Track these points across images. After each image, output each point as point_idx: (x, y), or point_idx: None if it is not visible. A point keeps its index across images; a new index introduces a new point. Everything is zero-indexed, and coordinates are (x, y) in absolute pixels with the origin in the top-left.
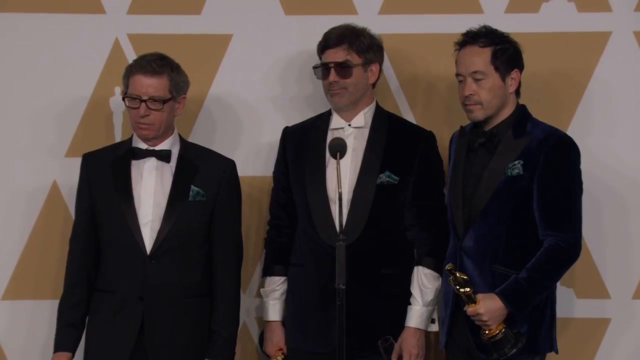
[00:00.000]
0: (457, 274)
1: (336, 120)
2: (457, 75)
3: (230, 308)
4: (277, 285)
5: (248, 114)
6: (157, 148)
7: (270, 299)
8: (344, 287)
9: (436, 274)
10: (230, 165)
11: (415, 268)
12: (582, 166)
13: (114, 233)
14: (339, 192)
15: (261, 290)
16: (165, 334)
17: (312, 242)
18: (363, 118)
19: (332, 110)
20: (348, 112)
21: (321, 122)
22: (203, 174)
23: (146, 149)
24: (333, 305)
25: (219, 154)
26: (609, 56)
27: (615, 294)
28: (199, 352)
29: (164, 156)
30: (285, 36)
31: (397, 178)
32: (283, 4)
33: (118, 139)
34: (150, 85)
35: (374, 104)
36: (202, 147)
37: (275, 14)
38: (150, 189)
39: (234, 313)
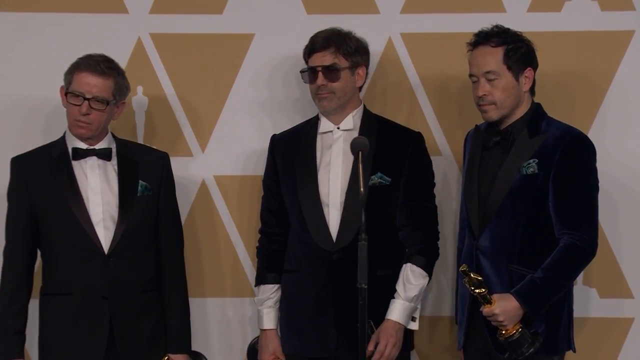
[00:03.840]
0: (472, 275)
1: (325, 124)
2: (471, 75)
3: (180, 299)
4: (270, 294)
5: (270, 113)
6: (97, 147)
7: (264, 307)
8: (365, 287)
9: (424, 273)
10: (166, 158)
11: (404, 265)
12: (602, 166)
13: (66, 235)
14: (361, 191)
15: (255, 299)
16: (132, 330)
17: (307, 247)
18: (352, 120)
19: (320, 115)
20: (336, 115)
21: (309, 127)
22: (144, 169)
23: (86, 149)
24: (330, 309)
25: (153, 148)
26: (632, 55)
27: (639, 294)
28: (162, 344)
29: (106, 154)
30: (307, 35)
31: (389, 179)
32: (305, 3)
33: (140, 138)
34: (95, 85)
35: (361, 106)
36: (135, 142)
37: (297, 13)
38: (97, 187)
39: (184, 303)
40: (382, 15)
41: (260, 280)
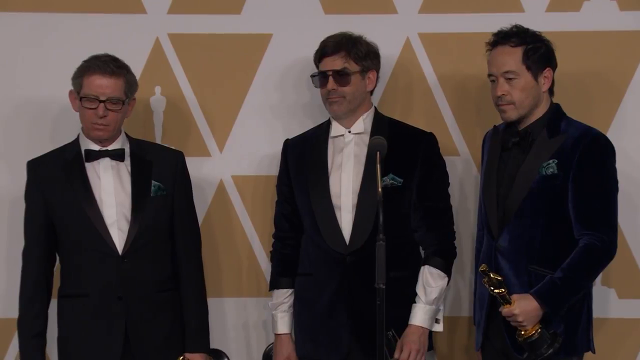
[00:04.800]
0: (491, 275)
1: (336, 128)
2: (489, 75)
3: (198, 298)
4: (284, 298)
5: (289, 112)
6: (110, 148)
7: (278, 311)
8: (383, 287)
9: (442, 274)
10: (181, 156)
11: (422, 267)
12: (621, 166)
13: (81, 237)
14: (379, 192)
15: (269, 303)
16: (147, 331)
17: (320, 250)
18: (363, 124)
19: (331, 119)
20: (347, 119)
21: (321, 131)
22: (158, 168)
23: (100, 150)
24: (343, 311)
25: (167, 147)
26: None
27: None
28: (179, 344)
29: (119, 155)
30: (325, 35)
31: (401, 180)
32: (323, 3)
33: (158, 138)
34: (108, 86)
35: (372, 109)
36: (149, 142)
37: (315, 13)
38: (110, 188)
39: (202, 302)
40: (400, 15)
41: (274, 285)
